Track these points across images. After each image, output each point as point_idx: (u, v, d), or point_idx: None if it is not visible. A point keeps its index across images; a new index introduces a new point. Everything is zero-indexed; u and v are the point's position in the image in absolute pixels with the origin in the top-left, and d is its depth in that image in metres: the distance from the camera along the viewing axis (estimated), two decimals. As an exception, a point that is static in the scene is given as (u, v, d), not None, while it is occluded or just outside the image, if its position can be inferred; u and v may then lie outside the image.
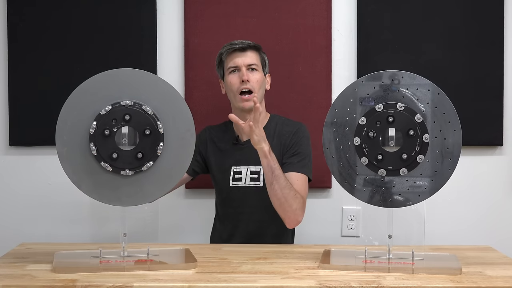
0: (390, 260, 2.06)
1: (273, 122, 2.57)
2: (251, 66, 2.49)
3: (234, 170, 2.54)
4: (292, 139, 2.52)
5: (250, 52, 2.51)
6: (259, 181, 2.51)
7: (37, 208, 2.89)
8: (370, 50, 2.87)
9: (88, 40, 2.85)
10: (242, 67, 2.48)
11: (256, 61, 2.51)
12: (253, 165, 2.51)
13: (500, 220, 2.92)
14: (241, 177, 2.53)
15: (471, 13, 2.86)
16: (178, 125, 2.04)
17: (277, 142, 2.52)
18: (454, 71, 2.85)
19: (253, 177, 2.52)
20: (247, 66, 2.48)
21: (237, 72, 2.49)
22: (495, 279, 1.92)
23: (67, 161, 2.01)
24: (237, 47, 2.50)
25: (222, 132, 2.60)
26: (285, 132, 2.54)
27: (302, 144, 2.51)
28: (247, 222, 2.53)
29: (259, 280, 1.88)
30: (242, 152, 2.53)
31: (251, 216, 2.52)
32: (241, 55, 2.50)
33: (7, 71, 2.86)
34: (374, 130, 2.01)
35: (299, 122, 2.59)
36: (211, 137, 2.60)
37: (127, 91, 2.02)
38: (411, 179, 2.02)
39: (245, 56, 2.50)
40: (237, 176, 2.53)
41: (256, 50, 2.54)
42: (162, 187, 2.05)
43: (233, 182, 2.53)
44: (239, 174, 2.53)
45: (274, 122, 2.57)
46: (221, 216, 2.62)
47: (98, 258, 2.04)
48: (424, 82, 2.01)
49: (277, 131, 2.55)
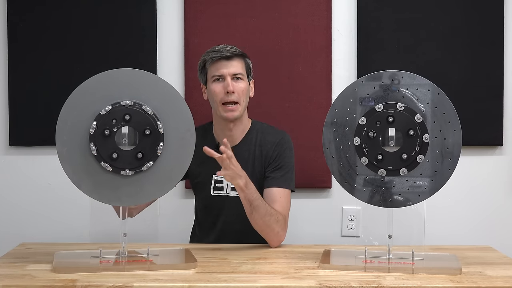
0: (390, 260, 2.06)
1: (255, 130, 2.50)
2: (236, 75, 2.41)
3: (215, 178, 2.47)
4: (275, 150, 2.45)
5: (236, 61, 2.41)
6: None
7: (37, 208, 2.89)
8: (370, 50, 2.87)
9: (88, 40, 2.84)
10: (227, 76, 2.39)
11: (241, 70, 2.42)
12: None
13: (500, 220, 2.92)
14: (222, 186, 2.47)
15: (471, 13, 2.86)
16: (178, 125, 2.04)
17: (259, 153, 2.46)
18: (454, 71, 2.85)
19: (233, 187, 2.40)
20: (232, 75, 2.40)
21: (221, 81, 2.40)
22: (495, 279, 1.92)
23: (67, 161, 2.01)
24: (222, 55, 2.40)
25: (201, 138, 2.39)
26: (267, 142, 2.46)
27: (286, 157, 2.45)
28: (229, 232, 2.47)
29: (259, 280, 1.88)
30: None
31: (233, 225, 2.46)
32: (226, 63, 2.40)
33: (7, 71, 2.85)
34: (374, 130, 2.01)
35: (282, 131, 2.52)
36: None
37: (127, 91, 2.02)
38: (411, 179, 2.02)
39: (230, 65, 2.40)
40: (218, 185, 2.47)
41: (242, 57, 2.44)
42: (162, 187, 2.05)
43: (214, 191, 2.47)
44: (220, 183, 2.47)
45: (255, 130, 2.50)
46: (201, 222, 2.57)
47: (98, 258, 2.04)
48: (424, 82, 2.01)
49: (259, 140, 2.48)
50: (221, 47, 2.43)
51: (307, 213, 2.86)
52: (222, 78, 2.41)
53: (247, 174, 2.28)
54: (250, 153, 2.46)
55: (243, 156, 2.43)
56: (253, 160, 2.46)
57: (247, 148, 2.47)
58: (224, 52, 2.41)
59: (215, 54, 2.41)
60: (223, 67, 2.40)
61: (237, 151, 2.39)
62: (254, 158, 2.46)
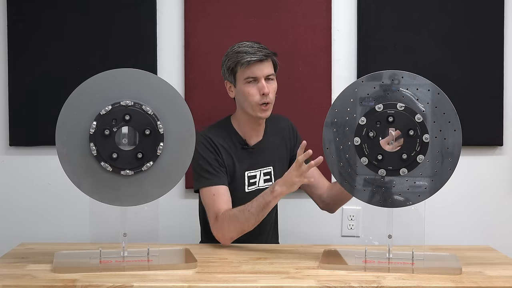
0: (390, 260, 2.06)
1: (268, 122, 2.55)
2: (268, 76, 2.42)
3: (248, 175, 2.50)
4: (291, 133, 2.60)
5: (267, 62, 2.42)
6: (272, 181, 2.51)
7: (37, 208, 2.89)
8: (370, 50, 2.87)
9: (88, 40, 2.84)
10: (261, 78, 2.39)
11: (273, 70, 2.45)
12: (265, 166, 2.51)
13: (500, 220, 2.92)
14: (255, 181, 2.51)
15: (471, 13, 2.86)
16: (178, 125, 2.04)
17: (278, 140, 2.55)
18: (454, 71, 2.85)
19: (266, 178, 2.52)
20: (265, 76, 2.42)
21: (255, 82, 2.40)
22: (495, 279, 1.92)
23: (67, 161, 2.01)
24: (258, 58, 2.39)
25: (227, 137, 2.48)
26: (281, 128, 2.59)
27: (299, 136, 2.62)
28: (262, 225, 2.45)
29: (259, 280, 1.88)
30: (253, 155, 2.50)
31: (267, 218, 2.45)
32: (260, 65, 2.40)
33: (7, 71, 2.85)
34: (374, 130, 2.01)
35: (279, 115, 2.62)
36: (220, 143, 2.47)
37: (127, 91, 2.02)
38: (411, 179, 2.02)
39: (264, 66, 2.41)
40: (252, 181, 2.51)
41: (271, 57, 2.45)
42: (162, 187, 2.05)
43: (249, 187, 2.50)
44: (253, 178, 2.51)
45: (268, 121, 2.55)
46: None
47: (98, 258, 2.04)
48: (424, 82, 2.01)
49: (274, 128, 2.56)
50: (252, 48, 2.41)
51: (307, 213, 2.86)
52: (255, 80, 2.41)
53: (275, 162, 2.52)
54: (274, 143, 2.55)
55: (269, 147, 2.53)
56: (276, 149, 2.55)
57: (269, 139, 2.54)
58: (258, 54, 2.40)
59: (250, 57, 2.39)
60: (257, 70, 2.40)
61: (264, 144, 2.51)
62: (278, 146, 2.55)
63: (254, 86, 2.40)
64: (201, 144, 2.42)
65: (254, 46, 2.42)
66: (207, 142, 2.44)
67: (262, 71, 2.40)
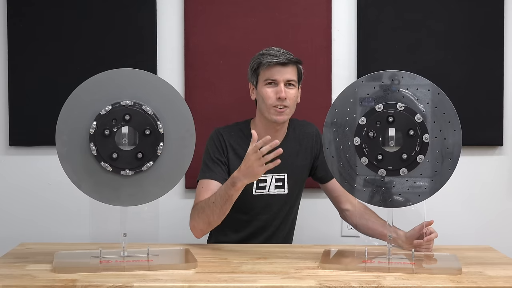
0: (390, 260, 2.06)
1: (292, 127, 2.54)
2: (289, 82, 2.41)
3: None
4: (316, 141, 2.55)
5: (290, 68, 2.42)
6: (284, 188, 2.50)
7: (37, 208, 2.89)
8: (370, 50, 2.87)
9: (88, 40, 2.84)
10: (280, 82, 2.39)
11: (294, 77, 2.43)
12: (277, 172, 2.47)
13: (500, 220, 2.92)
14: (265, 185, 2.50)
15: (471, 13, 2.86)
16: (178, 125, 2.04)
17: (304, 147, 2.54)
18: (454, 71, 2.85)
19: (278, 185, 2.50)
20: (285, 81, 2.41)
21: (274, 85, 2.40)
22: (495, 279, 1.92)
23: (67, 161, 2.01)
24: (278, 61, 2.39)
25: (241, 138, 2.49)
26: (306, 134, 2.56)
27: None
28: (265, 228, 2.51)
29: (259, 280, 1.88)
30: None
31: (270, 222, 2.51)
32: (281, 69, 2.40)
33: (7, 71, 2.85)
34: (374, 130, 2.01)
35: (311, 123, 2.61)
36: (230, 143, 2.49)
37: (127, 91, 2.02)
38: (411, 179, 2.02)
39: (285, 71, 2.40)
40: (261, 184, 2.49)
41: (296, 64, 2.45)
42: (162, 187, 2.05)
43: (257, 190, 2.49)
44: (263, 183, 2.49)
45: (292, 126, 2.55)
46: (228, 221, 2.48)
47: (98, 258, 2.04)
48: (424, 82, 2.01)
49: (297, 134, 2.54)
50: (277, 52, 2.43)
51: (307, 213, 2.86)
52: (275, 83, 2.41)
53: (291, 168, 2.48)
54: (293, 150, 2.52)
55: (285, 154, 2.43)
56: (296, 156, 2.52)
57: (289, 144, 2.51)
58: (281, 57, 2.40)
59: (272, 59, 2.40)
60: (278, 73, 2.40)
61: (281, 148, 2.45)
62: (298, 153, 2.52)
63: (272, 89, 2.41)
64: (211, 139, 2.50)
65: (280, 51, 2.44)
66: (217, 138, 2.49)
67: (282, 75, 2.40)
